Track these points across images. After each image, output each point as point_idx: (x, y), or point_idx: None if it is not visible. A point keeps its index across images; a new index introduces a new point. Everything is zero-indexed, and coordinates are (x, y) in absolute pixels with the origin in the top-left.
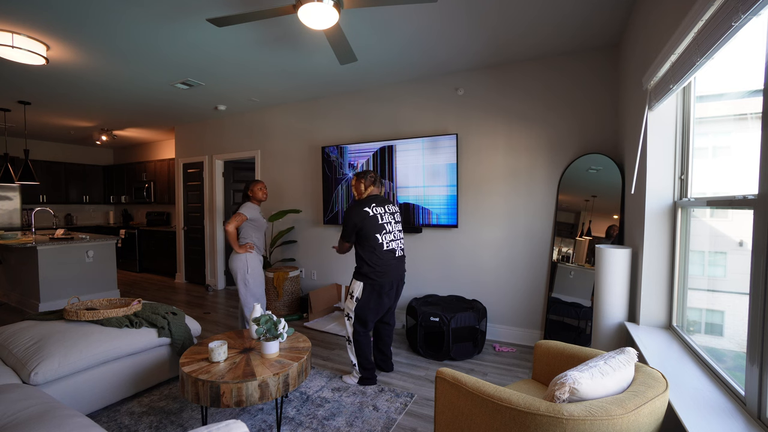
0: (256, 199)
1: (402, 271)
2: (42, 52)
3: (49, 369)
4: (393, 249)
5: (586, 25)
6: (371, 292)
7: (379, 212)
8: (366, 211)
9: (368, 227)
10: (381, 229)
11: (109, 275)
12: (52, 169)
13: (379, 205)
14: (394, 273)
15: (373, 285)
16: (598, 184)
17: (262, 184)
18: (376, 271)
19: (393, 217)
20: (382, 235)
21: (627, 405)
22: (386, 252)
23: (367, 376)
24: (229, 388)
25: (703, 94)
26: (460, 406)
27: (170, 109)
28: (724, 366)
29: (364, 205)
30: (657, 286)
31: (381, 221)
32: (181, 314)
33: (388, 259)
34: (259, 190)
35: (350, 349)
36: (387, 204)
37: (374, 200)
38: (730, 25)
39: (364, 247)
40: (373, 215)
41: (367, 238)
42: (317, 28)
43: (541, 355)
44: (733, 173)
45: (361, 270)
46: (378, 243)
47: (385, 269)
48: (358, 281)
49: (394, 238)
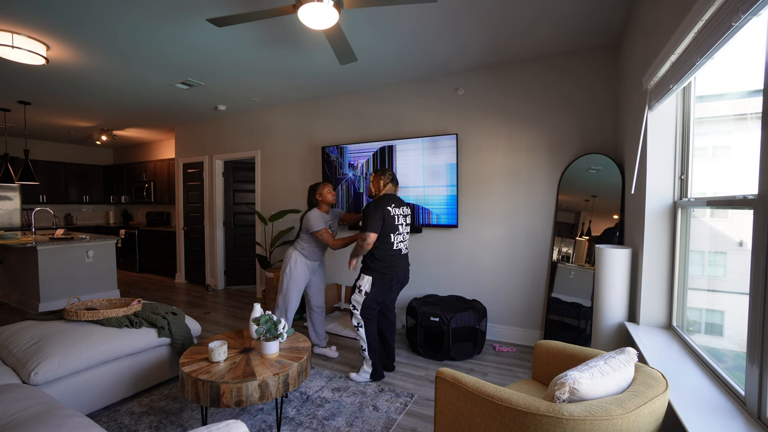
0: (326, 203)
1: (407, 266)
2: (42, 52)
3: (49, 369)
4: (400, 249)
5: (585, 24)
6: (381, 286)
7: (396, 213)
8: (388, 209)
9: (386, 226)
10: (395, 230)
11: (109, 275)
12: (52, 169)
13: (396, 207)
14: (400, 269)
15: (383, 279)
16: (598, 184)
17: (329, 186)
18: (385, 266)
19: (405, 220)
20: (395, 235)
21: (627, 405)
22: (394, 251)
23: (376, 368)
24: (229, 388)
25: (703, 94)
26: (460, 406)
27: (170, 109)
28: (724, 366)
29: (386, 204)
30: (657, 286)
31: (396, 222)
32: (181, 314)
33: (395, 256)
34: (329, 192)
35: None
36: (402, 206)
37: (393, 200)
38: (730, 25)
39: (377, 245)
40: (392, 216)
41: (382, 237)
42: (317, 28)
43: (541, 355)
44: (733, 173)
45: (371, 265)
46: (390, 242)
47: (393, 265)
48: (367, 275)
49: (403, 239)
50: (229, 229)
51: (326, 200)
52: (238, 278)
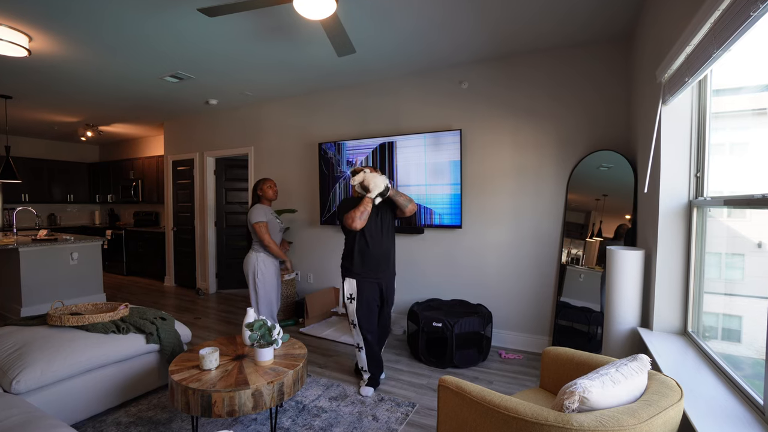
0: (267, 198)
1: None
2: (24, 44)
3: (31, 377)
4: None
5: (596, 14)
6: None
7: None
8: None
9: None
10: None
11: (94, 278)
12: (34, 166)
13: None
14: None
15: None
16: (609, 183)
17: (271, 181)
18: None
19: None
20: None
21: (640, 415)
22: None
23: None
24: (220, 397)
25: (720, 87)
26: (464, 416)
27: (159, 103)
28: (741, 374)
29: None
30: (671, 289)
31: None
32: (170, 319)
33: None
34: (269, 188)
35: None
36: None
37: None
38: (749, 15)
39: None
40: None
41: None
42: (314, 19)
43: (550, 362)
44: (752, 171)
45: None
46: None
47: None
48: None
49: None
50: (221, 229)
51: (266, 195)
52: (231, 282)
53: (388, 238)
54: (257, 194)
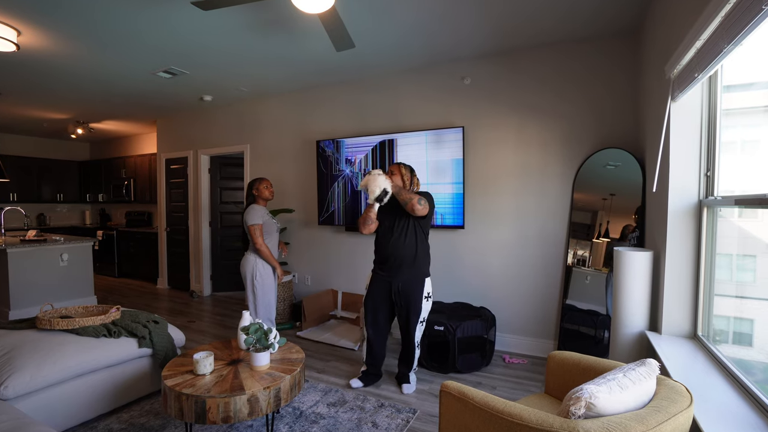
0: (263, 198)
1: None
2: (12, 38)
3: (20, 382)
4: None
5: (602, 7)
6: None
7: None
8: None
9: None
10: None
11: (85, 280)
12: (23, 164)
13: None
14: None
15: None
16: (616, 182)
17: (267, 181)
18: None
19: None
20: None
21: (648, 421)
22: None
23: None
24: (215, 403)
25: (731, 83)
26: (467, 422)
27: (152, 99)
28: (753, 379)
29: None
30: (681, 292)
31: None
32: (163, 323)
33: None
34: (266, 188)
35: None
36: None
37: None
38: (761, 8)
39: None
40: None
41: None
42: (312, 12)
43: (555, 367)
44: (764, 169)
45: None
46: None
47: None
48: (428, 278)
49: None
50: (215, 230)
51: (263, 196)
52: (226, 284)
53: (405, 239)
54: (252, 194)
